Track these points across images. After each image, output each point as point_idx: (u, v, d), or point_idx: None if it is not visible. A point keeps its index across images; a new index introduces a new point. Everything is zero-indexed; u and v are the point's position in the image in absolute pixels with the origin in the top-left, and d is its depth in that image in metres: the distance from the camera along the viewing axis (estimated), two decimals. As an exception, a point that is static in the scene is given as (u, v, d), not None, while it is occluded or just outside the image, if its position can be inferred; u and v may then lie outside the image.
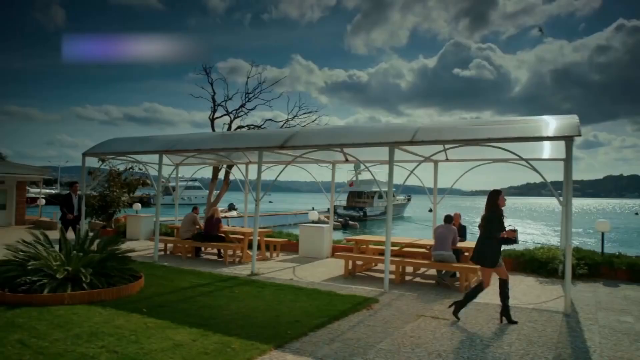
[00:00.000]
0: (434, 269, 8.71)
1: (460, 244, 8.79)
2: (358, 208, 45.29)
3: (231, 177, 14.90)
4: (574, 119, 7.04)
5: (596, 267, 9.34)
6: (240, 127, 14.70)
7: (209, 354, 4.52)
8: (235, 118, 14.71)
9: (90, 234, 8.03)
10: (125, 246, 8.17)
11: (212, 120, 14.55)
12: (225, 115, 14.33)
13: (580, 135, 6.79)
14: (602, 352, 4.95)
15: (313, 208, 47.63)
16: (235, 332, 5.19)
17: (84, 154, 11.83)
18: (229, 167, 14.62)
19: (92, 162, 13.78)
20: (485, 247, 5.93)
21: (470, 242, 9.28)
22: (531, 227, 48.64)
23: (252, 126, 14.75)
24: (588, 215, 76.06)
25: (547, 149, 8.94)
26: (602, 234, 10.23)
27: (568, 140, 6.69)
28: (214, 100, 14.46)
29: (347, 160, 11.62)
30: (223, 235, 11.28)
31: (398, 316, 6.19)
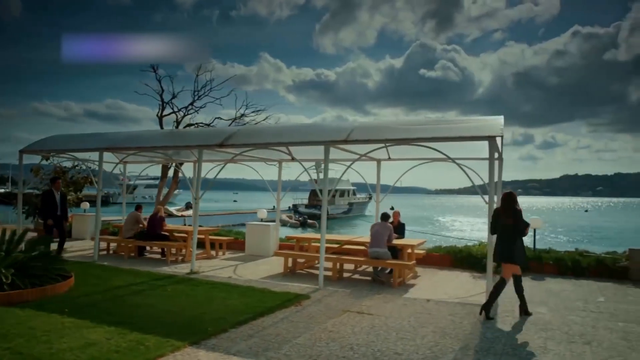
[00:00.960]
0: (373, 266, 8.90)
1: (397, 241, 9.02)
2: (319, 207, 45.46)
3: (180, 176, 14.74)
4: (497, 120, 7.35)
5: (526, 262, 9.77)
6: (190, 125, 14.55)
7: (120, 352, 4.50)
8: (185, 116, 14.54)
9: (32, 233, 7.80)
10: (66, 246, 7.98)
11: (160, 117, 14.36)
12: (173, 112, 14.15)
13: (501, 136, 7.12)
14: (507, 341, 5.21)
15: (274, 207, 47.68)
16: (154, 330, 5.17)
17: (21, 151, 11.45)
18: (179, 165, 14.46)
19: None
20: (516, 247, 6.22)
21: (409, 240, 9.54)
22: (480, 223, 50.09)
23: (201, 124, 14.63)
24: (544, 214, 78.96)
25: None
26: (535, 230, 10.70)
27: (491, 140, 6.97)
28: (162, 98, 14.27)
29: (293, 159, 11.70)
30: (167, 234, 11.16)
31: (324, 312, 6.32)
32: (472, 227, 47.39)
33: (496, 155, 9.52)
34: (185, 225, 21.84)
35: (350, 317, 6.06)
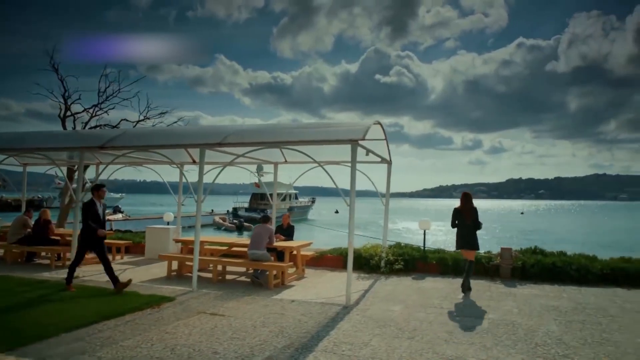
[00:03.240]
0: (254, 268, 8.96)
1: (282, 243, 9.14)
2: (260, 210, 45.32)
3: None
4: (360, 125, 7.58)
5: (413, 262, 10.15)
6: (96, 126, 14.17)
7: None
8: (92, 117, 14.13)
9: None
10: None
11: (63, 118, 13.88)
12: (72, 115, 13.73)
13: (364, 140, 7.37)
14: (337, 338, 5.39)
15: (212, 210, 47.07)
16: (-25, 337, 5.00)
17: None
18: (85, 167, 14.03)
19: None
20: (476, 236, 8.07)
21: (294, 242, 9.67)
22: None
23: (108, 125, 14.26)
24: (487, 215, 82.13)
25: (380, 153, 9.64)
26: (424, 231, 11.13)
27: (354, 143, 7.20)
28: (64, 99, 13.80)
29: (194, 162, 11.61)
30: (57, 238, 10.80)
31: (178, 314, 6.31)
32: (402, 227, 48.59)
33: (382, 159, 9.89)
34: (112, 230, 21.17)
35: (200, 319, 6.09)
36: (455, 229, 8.23)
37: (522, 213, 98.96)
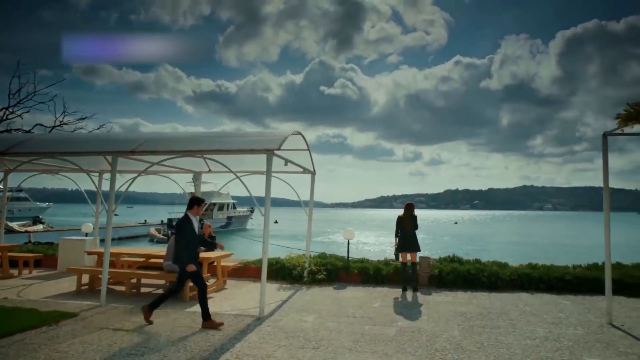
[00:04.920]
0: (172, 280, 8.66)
1: (204, 254, 8.88)
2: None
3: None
4: (277, 135, 7.58)
5: (336, 272, 10.22)
6: (5, 130, 13.22)
7: None
8: (2, 120, 13.17)
9: None
10: None
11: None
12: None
13: (280, 150, 7.37)
14: (241, 350, 5.28)
15: (145, 221, 45.38)
16: None
17: None
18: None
19: None
20: (416, 239, 9.16)
21: (212, 253, 9.44)
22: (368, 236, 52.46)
23: (21, 130, 13.36)
24: (424, 225, 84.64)
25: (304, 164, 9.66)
26: (348, 241, 11.27)
27: (269, 153, 7.17)
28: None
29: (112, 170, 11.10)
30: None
31: (76, 331, 5.95)
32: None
33: (304, 169, 9.93)
34: (30, 242, 19.75)
35: (100, 335, 5.77)
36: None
37: (455, 223, 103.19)
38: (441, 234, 62.64)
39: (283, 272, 10.19)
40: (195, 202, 6.77)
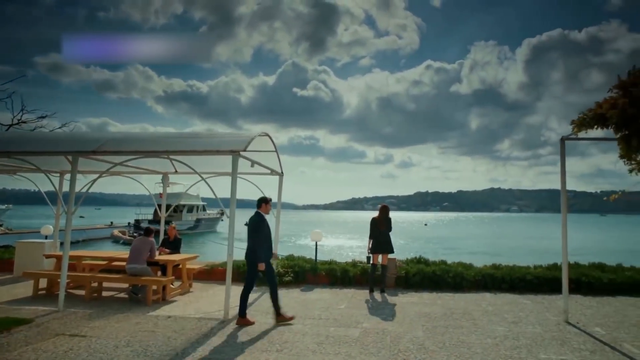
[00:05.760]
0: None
1: (166, 257, 8.73)
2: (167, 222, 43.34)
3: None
4: (243, 136, 7.51)
5: (303, 274, 10.19)
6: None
7: None
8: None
9: None
10: None
11: None
12: None
13: (246, 151, 7.30)
14: (202, 354, 5.20)
15: (112, 222, 44.32)
16: None
17: None
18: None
19: None
20: (390, 241, 9.27)
21: (177, 255, 9.28)
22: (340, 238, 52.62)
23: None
24: (396, 227, 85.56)
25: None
26: (316, 243, 11.25)
27: (235, 154, 7.09)
28: None
29: (72, 171, 10.77)
30: None
31: (30, 338, 5.72)
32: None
33: (271, 170, 9.87)
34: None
35: (55, 342, 5.57)
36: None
37: (425, 224, 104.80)
38: (412, 235, 63.47)
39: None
40: (263, 200, 7.12)
